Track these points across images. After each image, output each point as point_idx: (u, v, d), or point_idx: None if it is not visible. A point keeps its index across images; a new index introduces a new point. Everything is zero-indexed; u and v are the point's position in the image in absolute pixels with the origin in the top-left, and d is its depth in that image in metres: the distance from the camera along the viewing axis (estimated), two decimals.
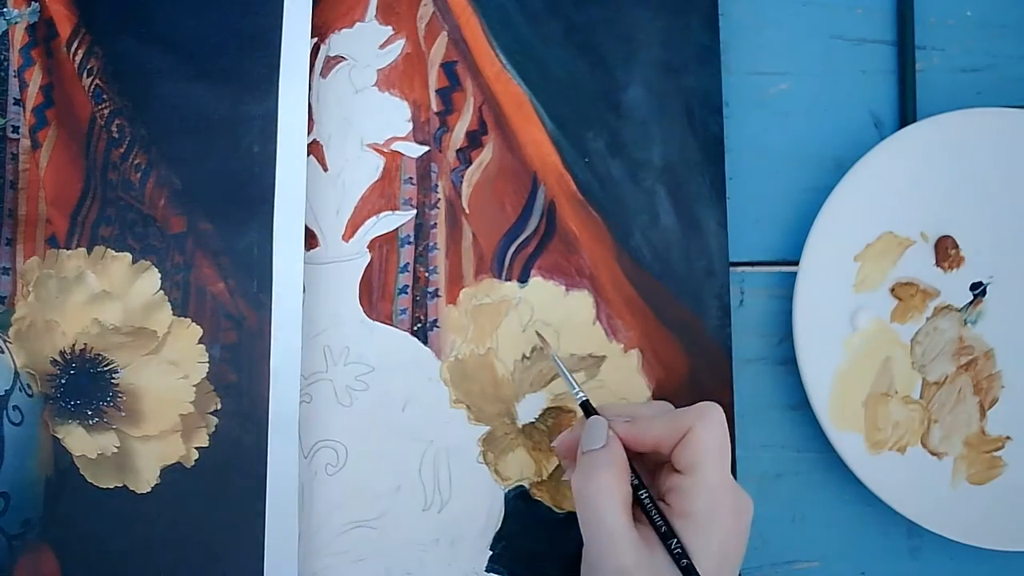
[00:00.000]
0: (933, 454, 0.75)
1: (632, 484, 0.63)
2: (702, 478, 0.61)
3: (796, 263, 0.74)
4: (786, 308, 0.76)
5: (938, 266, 0.76)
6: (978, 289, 0.76)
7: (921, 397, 0.75)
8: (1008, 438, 0.75)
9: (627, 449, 0.64)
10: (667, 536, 0.61)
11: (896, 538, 0.76)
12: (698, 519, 0.61)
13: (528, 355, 0.74)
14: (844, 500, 0.76)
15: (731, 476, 0.63)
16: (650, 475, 0.66)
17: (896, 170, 0.75)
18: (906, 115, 0.77)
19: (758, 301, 0.77)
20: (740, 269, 0.77)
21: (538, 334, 0.74)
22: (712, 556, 0.60)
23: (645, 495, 0.63)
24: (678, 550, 0.60)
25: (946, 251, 0.75)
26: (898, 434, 0.75)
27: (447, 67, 0.77)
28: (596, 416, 0.66)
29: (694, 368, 0.74)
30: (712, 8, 0.77)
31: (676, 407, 0.66)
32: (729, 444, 0.63)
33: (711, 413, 0.63)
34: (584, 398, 0.68)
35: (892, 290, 0.76)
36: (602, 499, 0.61)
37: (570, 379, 0.69)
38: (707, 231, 0.75)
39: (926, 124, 0.75)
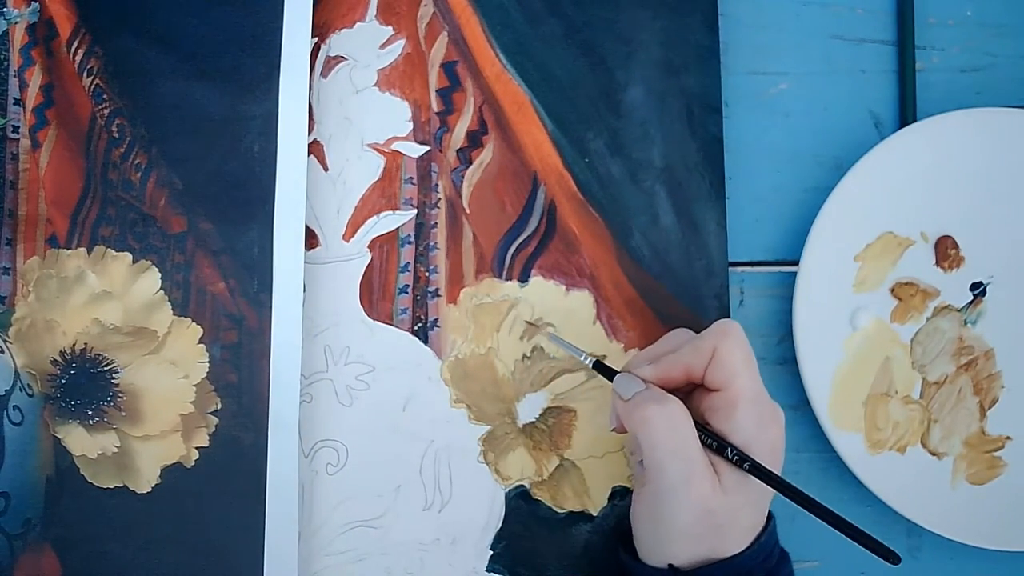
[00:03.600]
0: (933, 454, 0.75)
1: None
2: (737, 390, 0.63)
3: (796, 263, 0.74)
4: (786, 308, 0.76)
5: (938, 266, 0.76)
6: (978, 289, 0.76)
7: (921, 397, 0.75)
8: (1008, 438, 0.75)
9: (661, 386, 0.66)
10: (722, 447, 0.63)
11: (896, 538, 0.76)
12: (743, 425, 0.63)
13: (528, 355, 0.75)
14: (844, 500, 0.76)
15: (762, 385, 0.65)
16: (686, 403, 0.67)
17: (896, 170, 0.75)
18: (906, 115, 0.77)
19: (758, 301, 0.77)
20: (740, 269, 0.77)
21: (527, 322, 0.74)
22: (765, 455, 0.63)
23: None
24: (736, 456, 0.62)
25: (946, 251, 0.75)
26: (898, 434, 0.75)
27: (447, 67, 0.77)
28: (620, 373, 0.67)
29: None
30: (712, 8, 0.77)
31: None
32: (753, 355, 0.65)
33: (731, 329, 0.64)
34: (594, 360, 0.69)
35: (892, 290, 0.76)
36: (679, 424, 0.62)
37: (574, 348, 0.70)
38: (706, 231, 0.75)
39: (926, 124, 0.75)
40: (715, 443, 0.63)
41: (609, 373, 0.68)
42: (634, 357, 0.70)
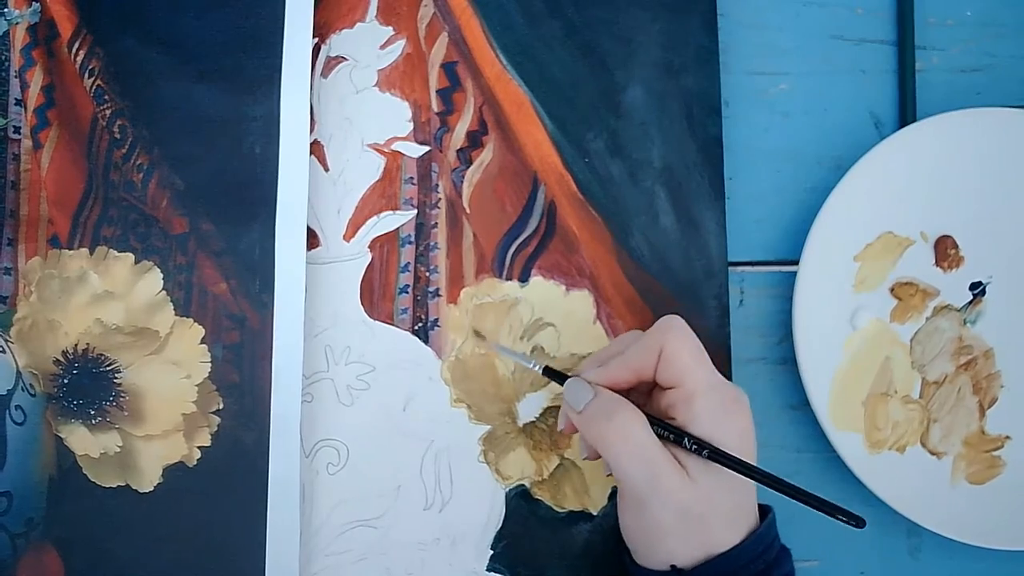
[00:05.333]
0: (933, 454, 0.75)
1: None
2: (692, 384, 0.63)
3: (796, 263, 0.74)
4: (786, 308, 0.76)
5: (938, 266, 0.76)
6: (978, 289, 0.76)
7: (920, 397, 0.76)
8: (1008, 438, 0.76)
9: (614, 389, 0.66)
10: (679, 438, 0.63)
11: (896, 538, 0.77)
12: (703, 416, 0.63)
13: (529, 354, 0.75)
14: (844, 500, 0.75)
15: (717, 373, 0.65)
16: (644, 403, 0.67)
17: (896, 170, 0.75)
18: (906, 115, 0.77)
19: (758, 301, 0.78)
20: (740, 269, 0.77)
21: (475, 331, 0.75)
22: (733, 441, 0.63)
23: (648, 416, 0.64)
24: (694, 445, 0.62)
25: (946, 251, 0.75)
26: (898, 434, 0.75)
27: (447, 67, 0.77)
28: (570, 378, 0.67)
29: None
30: (711, 9, 0.77)
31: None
32: (702, 346, 0.65)
33: (674, 324, 0.65)
34: (542, 366, 0.70)
35: (892, 290, 0.76)
36: (631, 434, 0.62)
37: (518, 356, 0.72)
38: (706, 231, 0.75)
39: (926, 124, 0.75)
40: (672, 435, 0.63)
41: (560, 378, 0.68)
42: (585, 360, 0.71)
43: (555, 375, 0.69)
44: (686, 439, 0.62)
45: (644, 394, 0.68)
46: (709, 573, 0.62)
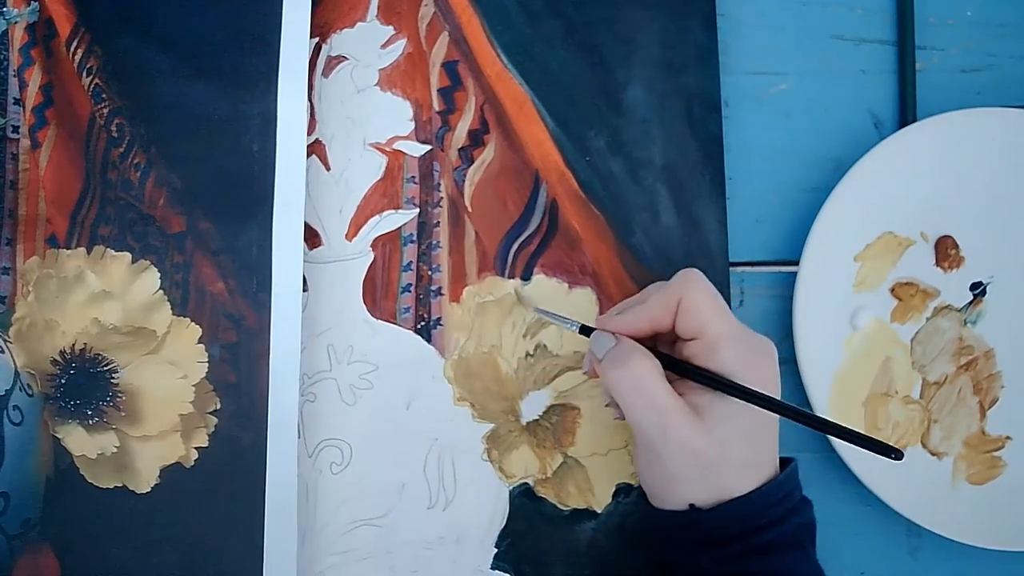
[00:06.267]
0: (933, 454, 0.75)
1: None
2: (714, 334, 0.63)
3: (796, 263, 0.75)
4: (786, 308, 0.76)
5: (938, 266, 0.76)
6: (978, 289, 0.76)
7: (921, 397, 0.76)
8: (1008, 438, 0.76)
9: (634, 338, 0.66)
10: (699, 374, 0.64)
11: (896, 538, 0.77)
12: (727, 363, 0.63)
13: (531, 352, 0.75)
14: (844, 500, 0.76)
15: (739, 322, 0.65)
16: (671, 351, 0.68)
17: (896, 170, 0.75)
18: (906, 115, 0.78)
19: (758, 301, 0.77)
20: (740, 269, 0.77)
21: (515, 291, 0.75)
22: (758, 387, 0.62)
23: (666, 357, 0.65)
24: (711, 380, 0.63)
25: (946, 251, 0.75)
26: (898, 434, 0.75)
27: (448, 66, 0.77)
28: (596, 332, 0.68)
29: None
30: (710, 8, 0.77)
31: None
32: (721, 297, 0.65)
33: (692, 277, 0.65)
34: (580, 325, 0.69)
35: (892, 290, 0.76)
36: (642, 381, 0.63)
37: (558, 318, 0.71)
38: (707, 229, 0.75)
39: (926, 124, 0.75)
40: (690, 372, 0.64)
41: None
42: (610, 310, 0.70)
43: (589, 332, 0.69)
44: (702, 376, 0.63)
45: (668, 344, 0.68)
46: (725, 513, 0.62)
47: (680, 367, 0.64)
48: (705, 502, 0.63)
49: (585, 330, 0.69)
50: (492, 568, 0.73)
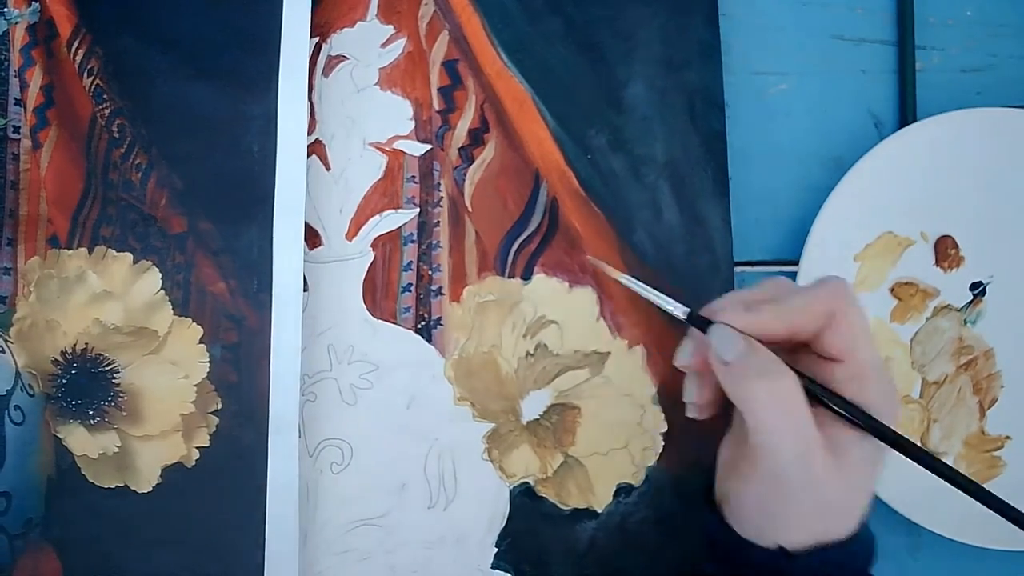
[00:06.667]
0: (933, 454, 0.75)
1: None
2: (862, 364, 0.56)
3: (796, 263, 0.74)
4: None
5: (938, 266, 0.76)
6: (978, 289, 0.76)
7: (921, 397, 0.76)
8: (1008, 438, 0.76)
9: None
10: (852, 410, 0.55)
11: (896, 538, 0.76)
12: (876, 402, 0.56)
13: (532, 352, 0.75)
14: None
15: (878, 352, 0.57)
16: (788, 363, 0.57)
17: (896, 170, 0.75)
18: (906, 115, 0.78)
19: None
20: (740, 269, 0.77)
21: (592, 259, 0.72)
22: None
23: (806, 378, 0.56)
24: (876, 427, 0.55)
25: (946, 251, 0.75)
26: None
27: (448, 65, 0.77)
28: (715, 324, 0.57)
29: None
30: (712, 4, 0.77)
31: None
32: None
33: (847, 289, 0.57)
34: (688, 311, 0.60)
35: (892, 290, 0.76)
36: (792, 405, 0.54)
37: (661, 297, 0.61)
38: (711, 227, 0.75)
39: (926, 124, 0.75)
40: (837, 404, 0.56)
41: (705, 326, 0.58)
42: (726, 299, 0.60)
43: (700, 322, 0.59)
44: (856, 413, 0.55)
45: (785, 351, 0.57)
46: (820, 560, 0.56)
47: (828, 397, 0.56)
48: (799, 544, 0.56)
49: (696, 320, 0.59)
50: (492, 568, 0.73)
